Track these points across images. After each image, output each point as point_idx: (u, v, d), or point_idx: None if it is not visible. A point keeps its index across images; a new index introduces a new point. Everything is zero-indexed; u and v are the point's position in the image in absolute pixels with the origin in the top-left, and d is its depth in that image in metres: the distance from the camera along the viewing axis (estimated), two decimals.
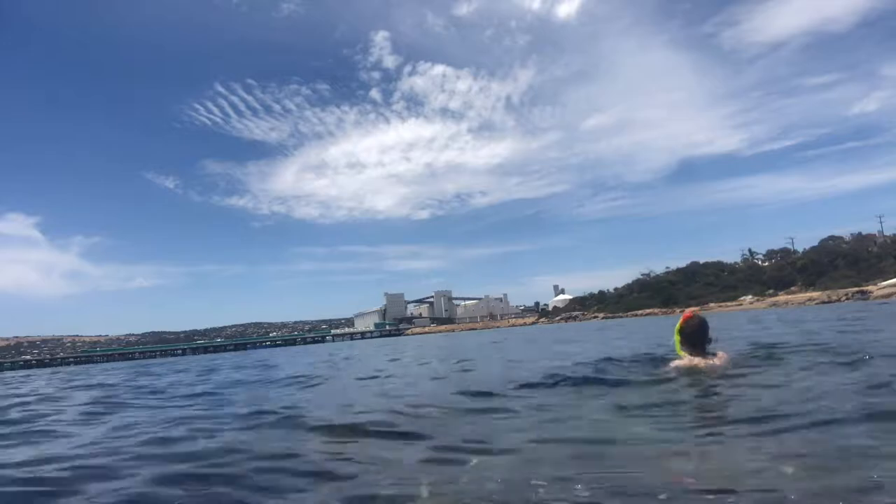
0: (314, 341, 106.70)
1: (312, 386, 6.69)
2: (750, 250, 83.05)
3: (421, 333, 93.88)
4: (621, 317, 68.79)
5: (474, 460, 2.41)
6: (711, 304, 61.92)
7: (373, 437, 3.08)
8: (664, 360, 4.99)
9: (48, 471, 2.77)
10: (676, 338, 4.60)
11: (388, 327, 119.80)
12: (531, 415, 3.39)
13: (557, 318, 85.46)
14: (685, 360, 4.48)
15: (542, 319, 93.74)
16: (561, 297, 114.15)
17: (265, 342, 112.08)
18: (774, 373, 4.24)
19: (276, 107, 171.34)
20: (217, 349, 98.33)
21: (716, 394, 3.60)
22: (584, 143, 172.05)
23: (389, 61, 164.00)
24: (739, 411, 2.98)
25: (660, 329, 14.75)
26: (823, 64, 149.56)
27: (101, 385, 9.85)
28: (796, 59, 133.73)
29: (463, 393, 4.43)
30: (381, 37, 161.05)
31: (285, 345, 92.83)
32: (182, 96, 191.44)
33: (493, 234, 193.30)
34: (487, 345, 15.99)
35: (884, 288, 44.59)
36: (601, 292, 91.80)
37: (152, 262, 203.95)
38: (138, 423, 4.19)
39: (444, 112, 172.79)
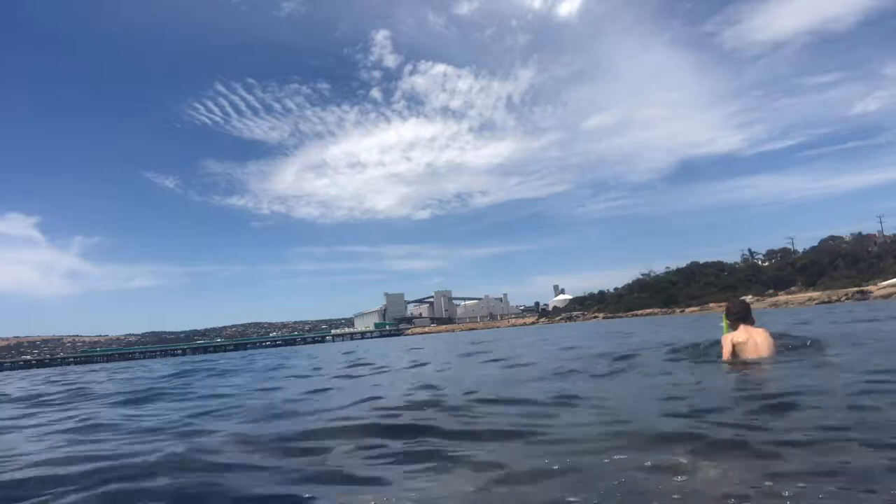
0: (314, 341, 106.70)
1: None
2: (750, 250, 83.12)
3: (421, 333, 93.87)
4: (621, 317, 68.75)
5: None
6: (711, 304, 61.87)
7: None
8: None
9: None
10: (724, 323, 5.40)
11: (388, 327, 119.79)
12: None
13: (557, 318, 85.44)
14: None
15: (542, 319, 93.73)
16: (561, 297, 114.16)
17: (265, 342, 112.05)
18: None
19: (277, 106, 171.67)
20: (217, 349, 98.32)
21: None
22: (584, 142, 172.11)
23: (390, 60, 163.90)
24: None
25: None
26: (825, 63, 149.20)
27: None
28: (798, 59, 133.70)
29: None
30: (381, 36, 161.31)
31: (285, 345, 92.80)
32: (182, 96, 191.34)
33: (494, 234, 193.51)
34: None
35: (884, 288, 44.54)
36: (601, 292, 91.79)
37: (152, 262, 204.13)
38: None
39: (445, 111, 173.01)
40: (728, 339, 5.20)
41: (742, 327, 5.27)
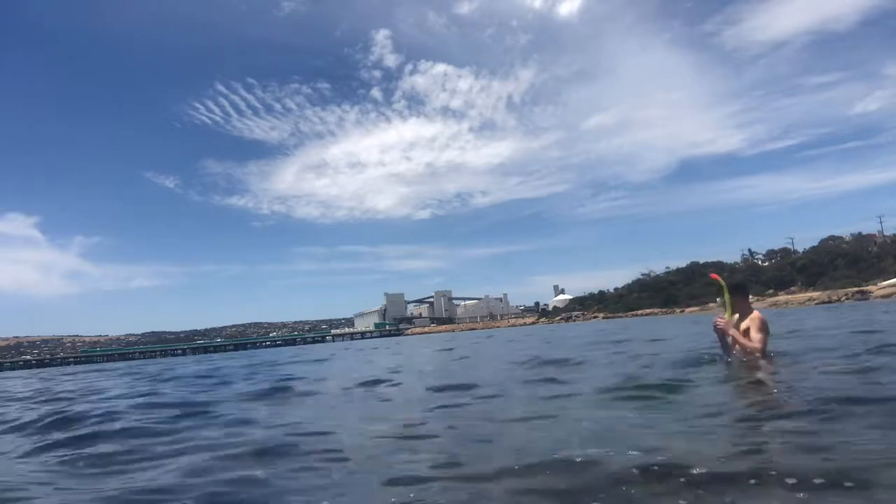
0: (314, 341, 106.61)
1: None
2: (750, 250, 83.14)
3: (421, 333, 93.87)
4: (622, 317, 68.77)
5: None
6: (711, 305, 61.92)
7: None
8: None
9: None
10: (727, 297, 4.65)
11: (388, 327, 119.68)
12: None
13: (557, 318, 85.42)
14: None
15: (542, 319, 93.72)
16: (561, 297, 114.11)
17: (265, 342, 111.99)
18: None
19: (277, 106, 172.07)
20: (217, 349, 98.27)
21: None
22: (584, 142, 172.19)
23: (390, 60, 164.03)
24: None
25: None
26: (825, 63, 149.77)
27: None
28: (798, 59, 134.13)
29: None
30: (382, 35, 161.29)
31: (285, 345, 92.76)
32: (182, 96, 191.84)
33: (494, 234, 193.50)
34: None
35: (884, 288, 44.58)
36: (601, 292, 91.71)
37: (152, 262, 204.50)
38: None
39: (445, 111, 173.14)
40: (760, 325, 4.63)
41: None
